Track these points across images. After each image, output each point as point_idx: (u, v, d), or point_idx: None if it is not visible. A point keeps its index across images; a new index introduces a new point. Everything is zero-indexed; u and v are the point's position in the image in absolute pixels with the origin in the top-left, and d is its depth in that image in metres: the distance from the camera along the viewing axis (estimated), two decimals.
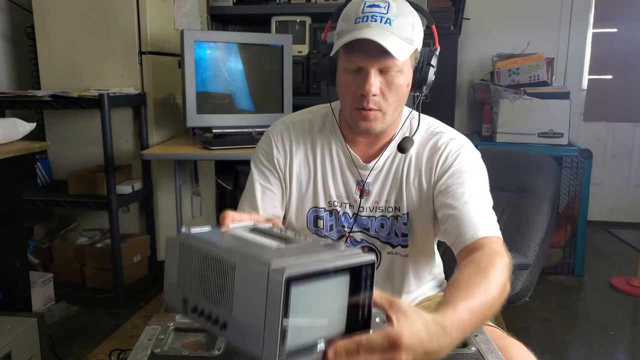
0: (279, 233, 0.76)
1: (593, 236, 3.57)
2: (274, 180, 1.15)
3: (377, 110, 1.03)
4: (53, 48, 2.73)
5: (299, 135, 1.16)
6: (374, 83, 0.99)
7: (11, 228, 1.96)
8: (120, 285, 2.60)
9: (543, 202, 1.52)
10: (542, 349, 2.25)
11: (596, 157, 3.16)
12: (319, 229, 1.16)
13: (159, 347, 0.83)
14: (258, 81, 2.68)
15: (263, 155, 1.17)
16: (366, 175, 1.13)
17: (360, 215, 1.14)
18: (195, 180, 3.23)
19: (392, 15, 0.98)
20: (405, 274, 1.17)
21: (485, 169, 1.11)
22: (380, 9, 0.98)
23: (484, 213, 1.02)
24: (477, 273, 0.87)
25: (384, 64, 0.99)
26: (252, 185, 1.16)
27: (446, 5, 3.27)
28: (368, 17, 0.98)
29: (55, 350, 2.10)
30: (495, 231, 1.01)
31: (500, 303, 0.86)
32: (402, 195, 1.12)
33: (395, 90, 1.02)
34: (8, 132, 1.85)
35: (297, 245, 0.70)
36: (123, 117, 2.72)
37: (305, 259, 0.63)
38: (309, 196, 1.16)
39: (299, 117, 1.21)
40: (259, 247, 0.69)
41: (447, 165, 1.08)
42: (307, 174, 1.16)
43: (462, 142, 1.11)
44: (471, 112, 3.92)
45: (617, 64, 3.85)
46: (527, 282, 1.44)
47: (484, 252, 0.94)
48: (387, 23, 0.97)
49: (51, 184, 2.84)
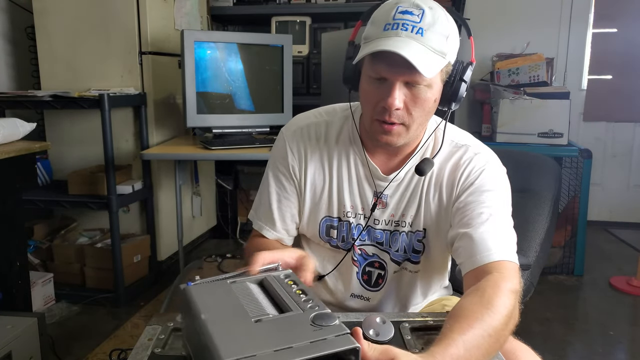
0: (282, 295, 0.78)
1: (593, 236, 3.57)
2: (290, 187, 1.12)
3: (400, 124, 0.97)
4: (53, 48, 2.73)
5: (314, 140, 1.10)
6: (398, 96, 0.93)
7: (11, 228, 1.96)
8: (120, 285, 2.60)
9: (543, 202, 1.52)
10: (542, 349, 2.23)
11: (596, 157, 3.16)
12: (332, 239, 1.12)
13: (160, 347, 0.83)
14: (258, 81, 2.68)
15: (278, 160, 1.13)
16: (384, 187, 1.07)
17: (374, 228, 1.10)
18: (195, 180, 3.23)
19: (426, 24, 0.90)
20: (412, 289, 1.14)
21: (509, 187, 1.05)
22: (413, 16, 0.90)
23: (500, 236, 0.96)
24: (481, 303, 0.83)
25: (410, 78, 0.92)
26: (267, 192, 1.14)
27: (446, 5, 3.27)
28: (398, 25, 0.90)
29: (55, 350, 2.11)
30: (509, 256, 0.95)
31: (506, 335, 0.83)
32: (420, 211, 1.07)
33: (421, 105, 0.95)
34: (8, 132, 1.84)
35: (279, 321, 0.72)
36: (123, 117, 2.73)
37: (265, 347, 0.64)
38: (322, 204, 1.11)
39: (315, 118, 1.14)
40: (238, 321, 0.71)
41: (469, 182, 1.02)
42: (321, 181, 1.10)
43: (487, 158, 1.05)
44: (471, 112, 3.92)
45: (617, 64, 3.85)
46: (528, 282, 1.44)
47: (491, 278, 0.89)
48: (418, 33, 0.89)
49: (51, 184, 2.84)
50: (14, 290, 1.97)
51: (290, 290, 0.79)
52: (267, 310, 0.75)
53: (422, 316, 0.93)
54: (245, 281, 0.84)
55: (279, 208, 1.12)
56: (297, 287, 0.80)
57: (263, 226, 1.15)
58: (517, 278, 0.91)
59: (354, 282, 1.14)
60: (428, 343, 0.86)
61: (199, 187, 3.26)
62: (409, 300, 1.15)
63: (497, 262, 0.92)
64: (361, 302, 1.15)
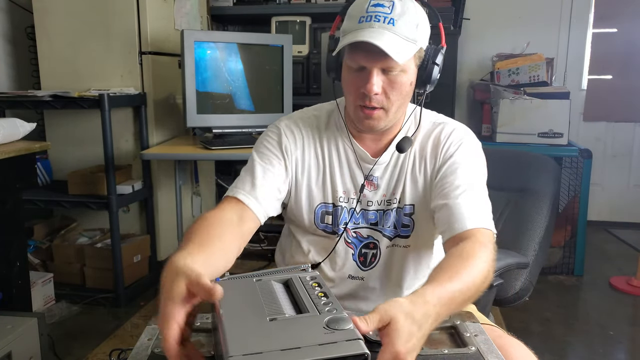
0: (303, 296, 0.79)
1: (593, 236, 3.57)
2: (278, 164, 1.13)
3: (380, 108, 1.04)
4: (53, 48, 2.73)
5: (308, 130, 1.17)
6: (376, 82, 1.00)
7: (11, 228, 1.96)
8: (120, 285, 2.60)
9: (543, 202, 1.52)
10: (542, 349, 2.25)
11: (596, 157, 3.16)
12: (327, 225, 1.16)
13: (160, 347, 0.83)
14: (258, 81, 2.68)
15: (269, 142, 1.16)
16: (374, 170, 1.14)
17: (367, 210, 1.15)
18: (195, 180, 3.23)
19: (396, 15, 0.98)
20: (404, 266, 1.17)
21: (484, 160, 1.13)
22: (384, 8, 0.98)
23: (476, 206, 1.04)
24: (461, 259, 0.92)
25: (385, 64, 0.99)
26: (251, 167, 1.13)
27: (446, 5, 3.27)
28: (371, 17, 0.98)
29: (55, 350, 2.11)
30: (485, 223, 1.02)
31: (482, 289, 0.91)
32: (406, 186, 1.13)
33: (398, 89, 1.03)
34: (8, 132, 1.85)
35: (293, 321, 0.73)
36: (123, 117, 2.73)
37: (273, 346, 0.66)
38: (317, 192, 1.16)
39: (304, 113, 1.21)
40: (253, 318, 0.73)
41: (448, 155, 1.10)
42: (316, 168, 1.16)
43: (464, 133, 1.13)
44: (471, 112, 3.92)
45: (617, 64, 3.85)
46: (527, 282, 1.44)
47: (469, 241, 0.96)
48: (389, 23, 0.97)
49: (51, 184, 2.84)
50: (14, 290, 1.97)
51: (312, 292, 0.81)
52: (284, 309, 0.76)
53: None
54: (271, 280, 0.85)
55: (263, 178, 1.10)
56: (321, 289, 0.81)
57: (239, 190, 1.08)
58: (491, 243, 0.99)
59: (349, 264, 1.17)
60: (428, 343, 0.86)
61: (199, 187, 3.27)
62: (401, 278, 1.18)
63: (474, 230, 1.00)
64: (356, 283, 1.18)
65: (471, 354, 0.83)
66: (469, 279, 0.87)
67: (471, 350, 0.84)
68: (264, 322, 0.72)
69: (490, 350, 0.84)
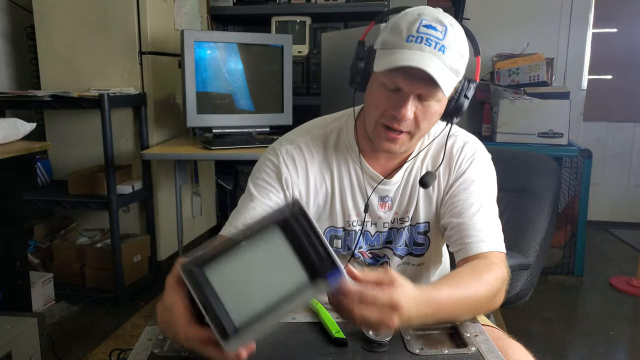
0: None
1: (593, 236, 3.57)
2: (276, 198, 1.05)
3: (406, 133, 0.99)
4: (53, 48, 2.73)
5: (313, 154, 1.09)
6: (411, 108, 0.94)
7: (11, 228, 1.96)
8: (120, 285, 2.60)
9: (543, 202, 1.52)
10: (542, 349, 2.25)
11: (596, 157, 3.16)
12: (337, 249, 1.12)
13: (159, 347, 0.83)
14: (258, 81, 2.68)
15: (266, 173, 1.07)
16: (387, 191, 1.10)
17: (381, 232, 1.12)
18: (195, 180, 3.23)
19: (447, 42, 0.91)
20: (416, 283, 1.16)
21: (495, 174, 1.11)
22: (437, 32, 0.91)
23: (490, 226, 1.03)
24: (472, 274, 0.92)
25: (425, 91, 0.94)
26: (247, 201, 1.05)
27: (446, 5, 3.28)
28: (422, 39, 0.90)
29: (55, 350, 2.11)
30: (499, 246, 1.01)
31: (486, 306, 0.92)
32: (419, 204, 1.10)
33: (429, 118, 0.98)
34: (8, 132, 1.84)
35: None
36: (123, 117, 2.72)
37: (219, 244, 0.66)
38: (325, 217, 1.10)
39: (310, 132, 1.11)
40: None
41: (461, 171, 1.08)
42: (324, 194, 1.09)
43: (475, 147, 1.11)
44: (471, 112, 3.91)
45: (617, 64, 3.85)
46: (527, 282, 1.44)
47: (484, 261, 0.97)
48: (440, 50, 0.90)
49: (51, 184, 2.83)
50: (14, 290, 1.97)
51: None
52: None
53: None
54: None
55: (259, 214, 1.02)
56: None
57: (232, 230, 1.02)
58: (505, 267, 0.98)
59: None
60: (428, 343, 0.86)
61: (199, 187, 3.26)
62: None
63: (488, 253, 0.99)
64: None
65: (471, 354, 0.83)
66: (472, 293, 0.87)
67: (471, 350, 0.84)
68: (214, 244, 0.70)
69: (491, 351, 0.83)
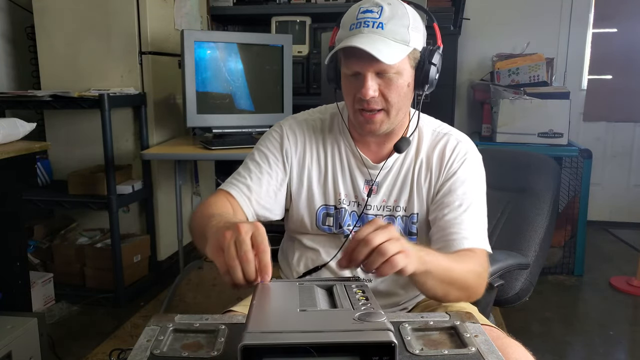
0: (342, 296, 0.76)
1: (593, 236, 3.57)
2: (276, 165, 1.16)
3: (380, 111, 1.05)
4: (53, 48, 2.73)
5: (312, 133, 1.19)
6: (371, 86, 1.01)
7: (11, 228, 1.96)
8: (120, 285, 2.60)
9: (543, 202, 1.52)
10: (542, 349, 2.25)
11: (596, 157, 3.16)
12: (328, 227, 1.17)
13: (158, 348, 0.83)
14: (258, 81, 2.68)
15: (270, 142, 1.18)
16: (375, 175, 1.15)
17: (366, 213, 1.16)
18: (195, 180, 3.23)
19: (385, 18, 1.00)
20: None
21: (484, 174, 1.16)
22: (373, 14, 1.00)
23: (475, 225, 1.08)
24: (456, 256, 1.01)
25: (378, 68, 1.01)
26: (250, 163, 1.17)
27: (446, 5, 3.27)
28: (361, 23, 1.00)
29: (55, 350, 2.11)
30: (482, 244, 1.07)
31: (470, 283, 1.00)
32: (413, 195, 1.14)
33: (396, 91, 1.04)
34: (8, 132, 1.85)
35: (323, 313, 0.70)
36: (123, 117, 2.72)
37: (295, 327, 0.63)
38: (319, 194, 1.17)
39: (310, 115, 1.22)
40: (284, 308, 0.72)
41: (452, 170, 1.12)
42: (318, 171, 1.18)
43: (467, 147, 1.15)
44: (471, 112, 3.92)
45: (617, 64, 3.85)
46: (527, 282, 1.44)
47: (466, 252, 1.04)
48: (378, 27, 0.99)
49: (51, 184, 2.84)
50: (14, 290, 1.97)
51: (353, 294, 0.77)
52: (318, 304, 0.73)
53: (422, 316, 0.94)
54: (314, 284, 0.83)
55: (259, 179, 1.15)
56: (363, 293, 0.78)
57: (233, 186, 1.14)
58: (486, 263, 1.05)
59: None
60: (428, 343, 0.86)
61: (199, 187, 3.26)
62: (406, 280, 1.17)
63: (470, 249, 1.05)
64: None
65: (471, 354, 0.83)
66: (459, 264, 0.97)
67: (471, 351, 0.84)
68: (293, 311, 0.69)
69: (491, 351, 0.83)
